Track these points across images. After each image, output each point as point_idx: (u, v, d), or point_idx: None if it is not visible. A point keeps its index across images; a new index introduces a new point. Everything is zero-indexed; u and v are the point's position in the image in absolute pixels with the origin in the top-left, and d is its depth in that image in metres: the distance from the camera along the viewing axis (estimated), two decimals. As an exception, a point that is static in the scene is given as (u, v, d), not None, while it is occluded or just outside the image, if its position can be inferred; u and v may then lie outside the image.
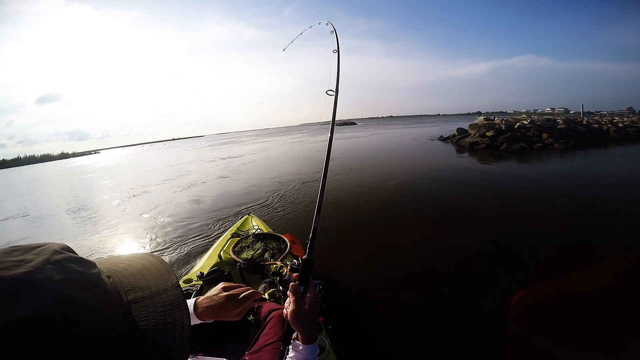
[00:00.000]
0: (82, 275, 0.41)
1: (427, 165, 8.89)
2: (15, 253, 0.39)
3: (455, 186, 6.36)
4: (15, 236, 5.98)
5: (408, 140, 18.91)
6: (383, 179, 7.20)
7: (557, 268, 2.99)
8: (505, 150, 11.15)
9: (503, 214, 4.59)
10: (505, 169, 8.16)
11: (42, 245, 0.42)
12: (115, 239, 4.94)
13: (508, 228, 4.08)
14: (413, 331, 2.38)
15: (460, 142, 14.01)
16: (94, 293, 0.41)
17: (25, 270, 0.36)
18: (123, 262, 0.55)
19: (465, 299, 2.71)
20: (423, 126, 36.60)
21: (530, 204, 5.00)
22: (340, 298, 2.73)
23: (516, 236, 3.80)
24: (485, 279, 2.97)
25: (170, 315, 0.48)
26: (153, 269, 0.55)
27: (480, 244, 3.63)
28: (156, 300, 0.49)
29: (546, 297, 2.64)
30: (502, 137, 12.12)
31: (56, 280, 0.37)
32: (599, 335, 2.17)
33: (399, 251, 3.66)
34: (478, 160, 9.59)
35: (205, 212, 5.69)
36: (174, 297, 0.51)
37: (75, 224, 6.21)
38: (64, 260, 0.40)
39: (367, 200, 5.71)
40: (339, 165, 9.31)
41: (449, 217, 4.59)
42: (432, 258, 3.44)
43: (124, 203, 7.67)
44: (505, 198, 5.43)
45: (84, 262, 0.43)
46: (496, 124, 14.02)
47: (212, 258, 2.36)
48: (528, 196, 5.46)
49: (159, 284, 0.52)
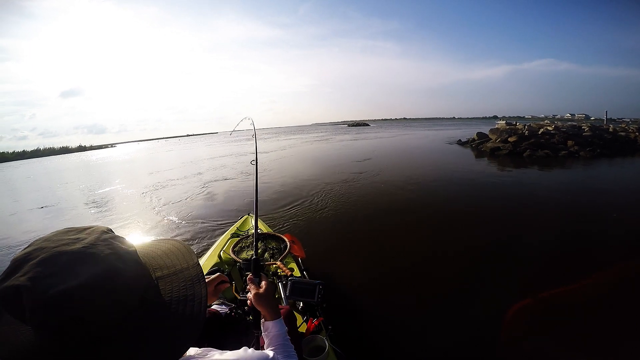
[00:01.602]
0: (126, 251, 0.49)
1: (447, 169, 8.73)
2: (71, 233, 0.47)
3: (482, 192, 6.23)
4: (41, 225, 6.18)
5: (426, 143, 18.71)
6: (403, 181, 7.16)
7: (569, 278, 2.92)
8: (528, 157, 10.85)
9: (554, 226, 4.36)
10: (542, 179, 7.60)
11: (91, 227, 0.50)
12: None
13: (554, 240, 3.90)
14: (413, 331, 2.40)
15: (481, 147, 13.73)
16: (134, 267, 0.49)
17: (81, 245, 0.44)
18: (151, 246, 0.64)
19: (466, 300, 2.73)
20: (439, 129, 36.16)
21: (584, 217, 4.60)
22: (340, 298, 2.76)
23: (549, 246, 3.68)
24: (488, 283, 2.97)
25: (190, 289, 0.56)
26: (177, 251, 0.63)
27: (492, 250, 3.62)
28: (179, 277, 0.57)
29: (547, 307, 2.60)
30: (525, 143, 11.82)
31: (106, 254, 0.44)
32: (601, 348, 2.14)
33: (400, 253, 3.69)
34: (503, 167, 9.33)
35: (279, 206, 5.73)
36: (195, 274, 0.59)
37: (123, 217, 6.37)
38: (111, 238, 0.48)
39: (377, 202, 5.69)
40: (369, 166, 9.46)
41: (461, 222, 4.53)
42: (434, 261, 3.45)
43: (203, 200, 7.12)
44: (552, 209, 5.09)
45: (125, 242, 0.51)
46: (518, 130, 13.70)
47: (211, 258, 2.37)
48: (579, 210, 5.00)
49: (182, 263, 0.60)
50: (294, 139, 32.06)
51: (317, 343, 1.38)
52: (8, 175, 23.56)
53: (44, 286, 0.38)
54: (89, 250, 0.43)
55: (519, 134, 12.88)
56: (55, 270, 0.40)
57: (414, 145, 17.98)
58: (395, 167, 9.67)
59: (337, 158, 13.02)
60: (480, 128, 21.97)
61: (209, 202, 6.73)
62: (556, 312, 2.54)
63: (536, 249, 3.58)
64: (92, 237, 0.46)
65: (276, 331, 0.90)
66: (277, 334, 0.90)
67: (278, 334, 0.90)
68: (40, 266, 0.40)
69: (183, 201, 6.94)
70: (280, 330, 0.91)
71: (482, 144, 14.09)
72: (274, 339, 0.90)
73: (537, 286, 2.81)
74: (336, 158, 13.07)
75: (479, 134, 15.53)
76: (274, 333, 0.90)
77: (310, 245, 3.53)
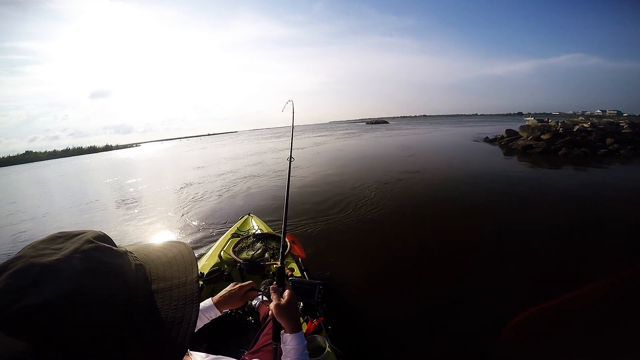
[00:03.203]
0: (104, 264, 0.45)
1: (474, 168, 8.48)
2: (59, 240, 0.45)
3: (511, 194, 6.01)
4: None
5: (453, 140, 18.20)
6: (458, 180, 7.00)
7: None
8: (564, 156, 10.35)
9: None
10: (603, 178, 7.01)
11: (80, 234, 0.47)
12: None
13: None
14: (413, 331, 2.38)
15: (510, 145, 13.26)
16: (111, 283, 0.45)
17: (56, 258, 0.41)
18: (159, 251, 0.62)
19: (467, 301, 2.71)
20: (462, 126, 35.24)
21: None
22: (340, 298, 2.76)
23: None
24: (490, 284, 2.92)
25: (181, 310, 0.52)
26: (181, 260, 0.60)
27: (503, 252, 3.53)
28: (174, 293, 0.54)
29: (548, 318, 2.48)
30: (559, 140, 11.31)
31: (78, 270, 0.41)
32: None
33: (401, 253, 3.68)
34: (539, 166, 8.95)
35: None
36: (189, 292, 0.55)
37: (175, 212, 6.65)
38: (92, 249, 0.45)
39: (394, 201, 5.62)
40: (418, 164, 9.43)
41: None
42: (436, 263, 3.41)
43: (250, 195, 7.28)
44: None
45: (110, 253, 0.47)
46: (552, 127, 13.14)
47: (212, 258, 2.35)
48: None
49: (181, 276, 0.57)
50: (322, 136, 32.27)
51: (317, 343, 1.37)
52: (47, 174, 25.03)
53: (7, 301, 0.37)
54: (62, 265, 0.41)
55: (552, 131, 12.35)
56: (22, 285, 0.38)
57: (444, 142, 17.58)
58: (440, 163, 9.52)
59: (383, 154, 13.09)
60: (506, 125, 21.19)
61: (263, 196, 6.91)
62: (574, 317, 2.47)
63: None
64: (72, 248, 0.43)
65: (294, 345, 0.88)
66: (294, 347, 0.88)
67: (296, 348, 0.88)
68: (12, 278, 0.39)
69: (246, 193, 7.24)
70: (298, 344, 0.89)
71: (512, 142, 13.60)
72: (291, 352, 0.88)
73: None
74: (382, 154, 13.14)
75: (508, 131, 15.00)
76: (292, 346, 0.88)
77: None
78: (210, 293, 1.95)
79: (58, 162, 53.76)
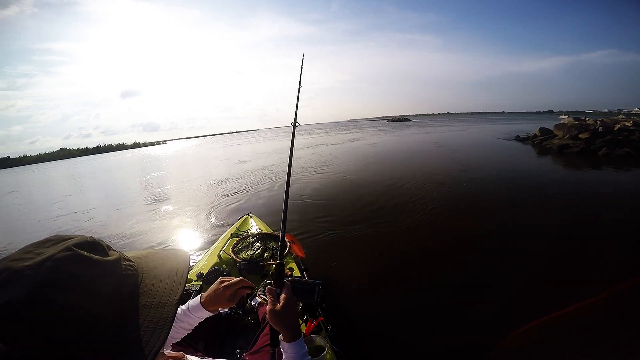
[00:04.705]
0: (71, 276, 0.44)
1: (511, 169, 8.28)
2: (46, 244, 0.46)
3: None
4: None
5: (482, 138, 17.72)
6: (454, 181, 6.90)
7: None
8: (605, 156, 9.89)
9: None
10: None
11: (67, 239, 0.48)
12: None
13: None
14: (413, 331, 2.39)
15: (545, 144, 12.79)
16: (69, 297, 0.43)
17: (27, 264, 0.42)
18: (161, 259, 0.62)
19: (467, 302, 2.71)
20: (489, 124, 33.97)
21: None
22: (340, 298, 2.76)
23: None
24: (493, 286, 2.90)
25: (149, 334, 0.49)
26: (174, 276, 0.59)
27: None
28: (151, 313, 0.52)
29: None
30: (599, 140, 10.80)
31: (39, 280, 0.41)
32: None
33: (403, 254, 3.67)
34: (579, 168, 8.65)
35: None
36: (165, 315, 0.53)
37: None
38: (65, 258, 0.44)
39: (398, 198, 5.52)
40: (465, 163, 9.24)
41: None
42: (437, 263, 3.42)
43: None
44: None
45: (86, 263, 0.46)
46: (590, 125, 12.53)
47: (211, 258, 2.35)
48: None
49: (166, 295, 0.55)
50: (353, 132, 32.31)
51: (316, 343, 1.35)
52: (87, 169, 26.56)
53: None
54: (27, 272, 0.41)
55: (591, 130, 11.79)
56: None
57: (475, 140, 17.14)
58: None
59: (421, 151, 13.20)
60: (536, 123, 20.24)
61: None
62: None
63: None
64: (47, 255, 0.44)
65: (292, 353, 0.80)
66: (293, 356, 0.80)
67: (295, 356, 0.80)
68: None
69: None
70: (298, 352, 0.80)
71: (545, 141, 13.11)
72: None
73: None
74: (421, 151, 13.21)
75: (541, 130, 14.44)
76: (290, 355, 0.80)
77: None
78: None
79: (90, 159, 56.32)
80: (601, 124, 12.49)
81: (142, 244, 4.92)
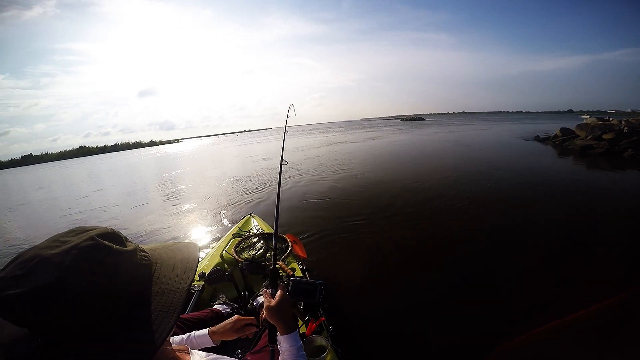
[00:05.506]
0: (93, 263, 0.47)
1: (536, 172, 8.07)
2: (71, 234, 0.49)
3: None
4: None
5: (500, 139, 17.18)
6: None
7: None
8: (631, 158, 9.47)
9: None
10: None
11: (89, 230, 0.51)
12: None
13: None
14: (414, 331, 2.38)
15: (566, 145, 12.40)
16: (94, 282, 0.46)
17: (55, 252, 0.45)
18: (172, 251, 0.65)
19: (468, 301, 2.70)
20: (507, 123, 33.19)
21: None
22: (342, 299, 2.76)
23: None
24: (496, 290, 2.85)
25: (161, 317, 0.52)
26: (185, 265, 0.62)
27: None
28: (164, 299, 0.54)
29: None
30: (624, 141, 10.39)
31: (66, 266, 0.44)
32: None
33: (403, 253, 3.66)
34: (602, 169, 8.33)
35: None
36: (176, 301, 0.55)
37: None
38: (89, 247, 0.47)
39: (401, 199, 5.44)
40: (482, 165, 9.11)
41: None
42: (438, 263, 3.40)
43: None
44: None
45: (108, 251, 0.49)
46: (614, 125, 12.08)
47: (214, 258, 2.35)
48: None
49: (176, 283, 0.58)
50: (370, 131, 32.32)
51: (318, 343, 1.36)
52: (106, 166, 27.50)
53: (3, 285, 0.42)
54: (55, 259, 0.44)
55: (615, 130, 11.35)
56: (20, 273, 0.42)
57: (494, 140, 16.72)
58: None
59: (440, 149, 13.36)
60: (556, 123, 19.62)
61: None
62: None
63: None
64: (73, 244, 0.46)
65: (288, 346, 0.88)
66: (289, 348, 0.88)
67: (290, 349, 0.88)
68: (17, 266, 0.43)
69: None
70: (293, 345, 0.88)
71: (567, 141, 12.71)
72: (286, 353, 0.88)
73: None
74: (439, 149, 13.41)
75: (562, 130, 14.01)
76: (286, 347, 0.88)
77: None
78: (211, 293, 2.04)
79: (109, 156, 57.70)
80: (626, 124, 12.01)
81: (156, 239, 5.14)
